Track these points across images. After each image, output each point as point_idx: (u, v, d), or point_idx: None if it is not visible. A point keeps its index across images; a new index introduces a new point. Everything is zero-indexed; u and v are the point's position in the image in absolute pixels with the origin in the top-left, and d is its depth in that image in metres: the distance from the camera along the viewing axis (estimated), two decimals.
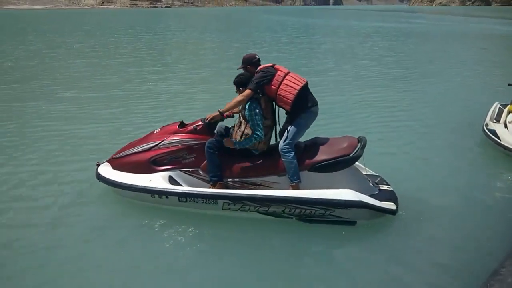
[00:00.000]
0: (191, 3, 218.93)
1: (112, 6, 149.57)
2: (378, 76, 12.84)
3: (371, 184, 4.41)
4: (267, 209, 4.05)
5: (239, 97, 4.16)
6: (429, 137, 6.85)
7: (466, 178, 5.31)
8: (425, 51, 19.86)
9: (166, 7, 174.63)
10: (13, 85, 11.34)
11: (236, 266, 3.55)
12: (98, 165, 4.77)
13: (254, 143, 4.22)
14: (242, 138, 4.22)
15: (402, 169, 5.53)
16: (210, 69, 14.44)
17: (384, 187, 4.45)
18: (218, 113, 4.29)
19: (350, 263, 3.60)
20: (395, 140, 6.69)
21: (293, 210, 4.02)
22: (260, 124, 4.14)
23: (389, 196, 4.26)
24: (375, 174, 4.72)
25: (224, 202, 4.09)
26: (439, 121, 7.73)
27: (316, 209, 3.98)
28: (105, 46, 22.27)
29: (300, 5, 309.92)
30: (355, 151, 4.15)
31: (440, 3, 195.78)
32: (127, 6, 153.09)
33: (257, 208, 4.06)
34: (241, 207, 4.08)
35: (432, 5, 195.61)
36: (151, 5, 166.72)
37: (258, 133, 4.14)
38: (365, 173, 4.59)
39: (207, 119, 4.32)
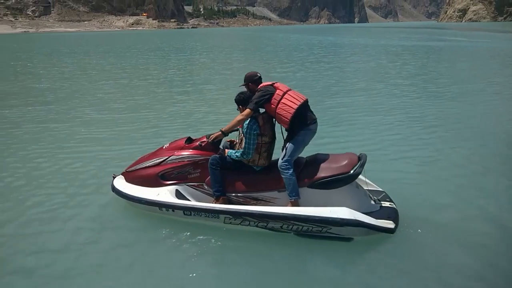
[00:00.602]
0: (217, 23, 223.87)
1: (140, 28, 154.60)
2: (412, 95, 12.37)
3: (372, 201, 4.42)
4: (265, 224, 4.20)
5: (239, 117, 4.32)
6: (469, 159, 6.48)
7: (496, 202, 4.98)
8: (459, 69, 19.18)
9: (192, 27, 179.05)
10: (48, 106, 11.53)
11: (236, 276, 3.69)
12: (114, 177, 5.09)
13: (253, 160, 4.41)
14: None
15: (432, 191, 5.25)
16: (238, 90, 14.32)
17: (386, 204, 4.47)
18: (220, 132, 4.49)
19: (347, 280, 3.60)
20: (433, 163, 6.29)
21: (290, 227, 4.15)
22: (251, 146, 4.32)
23: (390, 214, 4.28)
24: (379, 189, 4.75)
25: (225, 217, 4.28)
26: (477, 143, 7.27)
27: (313, 226, 4.07)
28: (136, 67, 22.68)
29: (324, 23, 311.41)
30: (353, 169, 4.18)
31: (470, 19, 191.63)
32: (155, 27, 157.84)
33: (256, 223, 4.21)
34: (241, 221, 4.25)
35: (461, 21, 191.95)
36: (178, 26, 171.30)
37: (246, 151, 4.34)
38: (369, 188, 4.69)
39: (211, 138, 4.55)
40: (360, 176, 4.36)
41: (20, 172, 6.27)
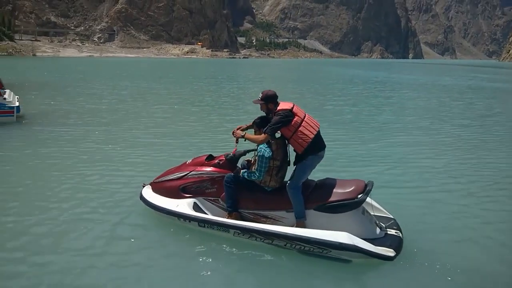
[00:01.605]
0: (268, 54, 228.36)
1: (195, 56, 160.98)
2: (480, 138, 11.34)
3: (377, 228, 4.57)
4: (271, 241, 4.45)
5: (258, 138, 4.59)
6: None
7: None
8: None
9: (243, 57, 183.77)
10: (104, 127, 11.60)
11: (240, 284, 3.99)
12: (143, 186, 5.57)
13: (264, 181, 4.66)
14: None
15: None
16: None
17: (392, 231, 4.60)
18: (242, 133, 4.76)
19: None
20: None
21: (293, 246, 4.36)
22: (263, 169, 4.57)
23: (393, 242, 4.41)
24: (389, 216, 4.90)
25: (234, 231, 4.60)
26: None
27: (314, 248, 4.26)
28: (190, 93, 22.96)
29: (377, 58, 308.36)
30: (359, 196, 4.34)
31: None
32: (208, 56, 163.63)
33: (262, 239, 4.48)
34: (249, 237, 4.55)
35: None
36: (230, 56, 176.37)
37: (258, 174, 4.62)
38: (379, 214, 4.85)
39: (225, 158, 4.95)
40: (371, 202, 4.71)
41: (70, 183, 6.52)
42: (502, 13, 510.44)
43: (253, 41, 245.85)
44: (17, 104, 12.53)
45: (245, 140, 4.78)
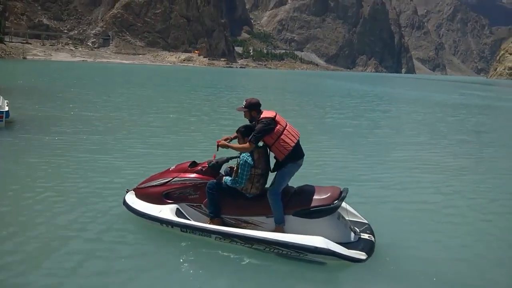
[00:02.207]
0: (264, 65, 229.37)
1: (191, 64, 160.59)
2: (478, 154, 11.30)
3: (352, 232, 4.81)
4: (250, 246, 4.62)
5: (242, 147, 4.73)
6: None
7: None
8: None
9: (240, 67, 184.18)
10: (96, 136, 10.81)
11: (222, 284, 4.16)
12: (127, 192, 5.60)
13: (245, 188, 4.81)
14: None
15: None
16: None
17: (365, 236, 4.84)
18: (224, 142, 4.93)
19: None
20: None
21: (272, 250, 4.55)
22: (245, 177, 4.72)
23: (365, 245, 4.65)
24: (364, 221, 5.13)
25: (216, 236, 4.72)
26: None
27: (291, 251, 4.47)
28: (187, 102, 22.31)
29: (371, 71, 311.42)
30: (334, 202, 4.59)
31: None
32: (204, 65, 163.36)
33: (242, 244, 4.63)
34: (230, 241, 4.68)
35: None
36: (227, 65, 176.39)
37: (239, 181, 4.75)
38: (353, 219, 5.07)
39: (208, 165, 5.03)
40: (347, 207, 5.02)
41: (54, 190, 6.32)
42: (490, 32, 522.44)
43: (250, 51, 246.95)
44: (6, 109, 12.06)
45: (227, 147, 4.91)
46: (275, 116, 4.73)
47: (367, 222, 5.13)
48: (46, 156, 8.58)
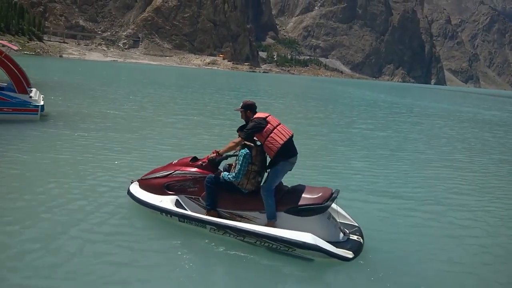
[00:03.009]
0: (288, 70, 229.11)
1: (215, 67, 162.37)
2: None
3: (341, 233, 4.99)
4: (242, 238, 4.85)
5: (231, 143, 5.13)
6: None
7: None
8: None
9: (263, 72, 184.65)
10: (121, 134, 11.31)
11: (216, 277, 4.43)
12: (131, 182, 5.95)
13: (241, 184, 5.07)
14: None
15: None
16: (316, 142, 13.29)
17: (354, 237, 5.00)
18: (216, 154, 5.28)
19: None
20: None
21: (262, 243, 4.76)
22: (242, 171, 4.99)
23: (353, 245, 4.81)
24: (355, 224, 5.29)
25: (210, 227, 4.99)
26: None
27: (281, 246, 4.67)
28: (211, 105, 22.73)
29: (398, 81, 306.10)
30: (325, 202, 4.78)
31: None
32: (228, 68, 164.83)
33: (235, 236, 4.87)
34: (223, 233, 4.93)
35: None
36: (250, 69, 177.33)
37: (236, 175, 5.02)
38: (344, 222, 5.25)
39: (208, 157, 5.31)
40: (338, 209, 5.16)
41: (73, 183, 6.34)
42: None
43: (274, 57, 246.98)
44: (42, 103, 12.68)
45: (221, 155, 5.34)
46: (267, 117, 5.04)
47: (357, 225, 5.27)
48: (72, 150, 9.04)
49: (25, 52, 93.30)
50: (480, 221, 6.66)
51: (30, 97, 12.37)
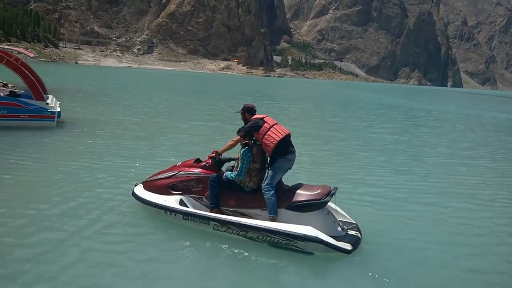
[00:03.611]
0: (302, 74, 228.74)
1: (230, 72, 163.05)
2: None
3: (339, 228, 5.21)
4: (245, 233, 4.99)
5: (230, 141, 5.38)
6: None
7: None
8: None
9: (278, 76, 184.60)
10: (133, 141, 11.03)
11: (219, 272, 4.55)
12: (135, 185, 6.08)
13: (243, 182, 5.28)
14: None
15: None
16: (334, 147, 12.78)
17: (352, 232, 5.19)
18: (216, 153, 5.48)
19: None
20: None
21: (264, 237, 4.91)
22: (243, 170, 5.20)
23: (351, 239, 5.01)
24: (352, 221, 5.45)
25: (214, 224, 5.12)
26: None
27: (282, 239, 4.82)
28: (228, 110, 22.42)
29: (414, 84, 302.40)
30: (323, 198, 5.00)
31: None
32: (243, 73, 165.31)
33: (238, 232, 5.01)
34: (227, 229, 5.07)
35: None
36: (265, 74, 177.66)
37: (238, 174, 5.25)
38: (342, 219, 5.43)
39: (209, 156, 5.51)
40: (337, 208, 5.41)
41: (84, 187, 6.11)
42: None
43: (289, 61, 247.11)
44: (58, 109, 12.69)
45: (221, 155, 5.52)
46: (264, 117, 5.33)
47: (355, 222, 5.45)
48: (87, 157, 8.95)
49: (41, 59, 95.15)
50: (492, 224, 6.60)
51: (47, 103, 12.39)
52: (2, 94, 12.48)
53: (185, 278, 4.35)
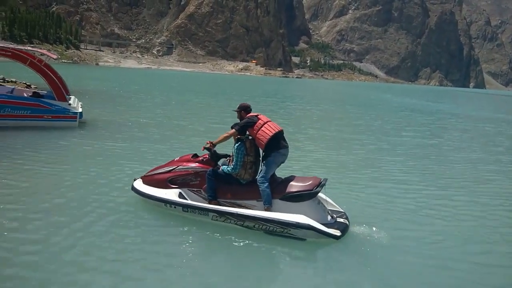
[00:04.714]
0: (321, 75, 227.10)
1: (248, 73, 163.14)
2: None
3: (329, 216, 5.58)
4: (242, 223, 5.35)
5: (225, 134, 5.69)
6: None
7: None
8: None
9: (296, 77, 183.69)
10: (151, 144, 10.88)
11: (216, 260, 4.83)
12: (134, 180, 6.32)
13: (239, 174, 5.59)
14: None
15: None
16: (362, 152, 12.34)
17: (341, 220, 5.58)
18: (211, 143, 5.71)
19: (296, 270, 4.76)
20: None
21: (260, 226, 5.28)
22: (239, 163, 5.51)
23: (339, 226, 5.38)
24: (340, 210, 5.85)
25: (213, 215, 5.47)
26: None
27: (276, 227, 5.20)
28: None
29: (435, 85, 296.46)
30: (314, 188, 5.36)
31: None
32: (261, 74, 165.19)
33: (235, 221, 5.37)
34: (225, 220, 5.41)
35: None
36: (283, 75, 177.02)
37: (234, 167, 5.56)
38: (332, 209, 5.81)
39: (203, 148, 5.75)
40: (327, 199, 5.81)
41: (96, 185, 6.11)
42: None
43: (308, 62, 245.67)
44: (80, 110, 12.84)
45: (215, 146, 5.75)
46: (258, 115, 5.71)
47: (343, 211, 5.82)
48: (108, 157, 9.01)
49: (63, 61, 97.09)
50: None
51: (69, 104, 12.55)
52: (26, 95, 12.61)
53: (187, 262, 4.67)
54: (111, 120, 14.43)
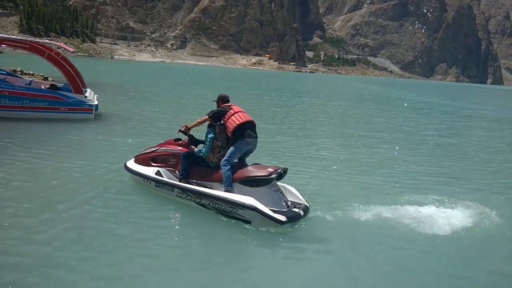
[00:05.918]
0: (335, 70, 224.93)
1: (261, 67, 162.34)
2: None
3: (284, 204, 5.85)
4: (200, 200, 5.93)
5: (199, 119, 6.41)
6: None
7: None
8: None
9: (310, 72, 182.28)
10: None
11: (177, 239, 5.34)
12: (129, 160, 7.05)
13: (208, 157, 6.20)
14: None
15: None
16: (384, 150, 12.19)
17: (296, 210, 5.81)
18: (186, 127, 6.47)
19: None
20: None
21: (214, 204, 5.79)
22: (208, 147, 6.16)
23: (289, 214, 5.63)
24: (301, 202, 6.07)
25: (177, 191, 6.14)
26: None
27: (227, 206, 5.65)
28: (261, 107, 22.11)
29: (451, 81, 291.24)
30: (270, 175, 5.72)
31: None
32: (274, 68, 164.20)
33: (194, 199, 5.98)
34: (186, 196, 6.05)
35: None
36: (296, 69, 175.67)
37: (204, 150, 6.21)
38: (293, 199, 6.10)
39: (178, 131, 6.56)
40: (292, 190, 6.23)
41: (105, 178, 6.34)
42: None
43: (321, 56, 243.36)
44: (96, 102, 13.00)
45: (189, 129, 6.48)
46: (232, 105, 6.28)
47: (304, 203, 6.03)
48: (120, 148, 9.28)
49: (79, 54, 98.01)
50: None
51: (85, 97, 12.68)
52: (43, 87, 12.76)
53: (187, 263, 4.88)
54: (125, 114, 14.60)
